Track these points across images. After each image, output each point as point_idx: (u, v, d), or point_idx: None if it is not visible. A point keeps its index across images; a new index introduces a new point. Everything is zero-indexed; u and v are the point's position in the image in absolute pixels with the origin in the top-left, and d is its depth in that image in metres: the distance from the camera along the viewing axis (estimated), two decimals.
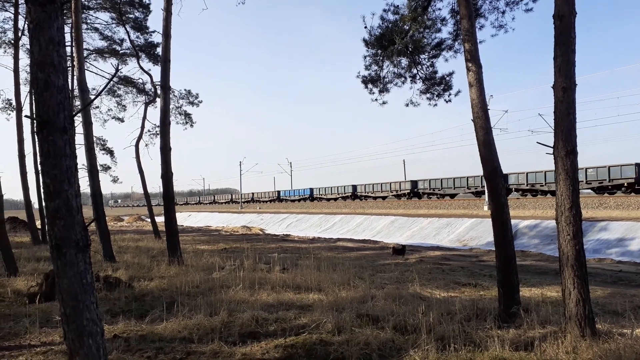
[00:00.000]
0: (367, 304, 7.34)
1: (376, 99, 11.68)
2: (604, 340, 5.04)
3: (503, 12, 10.11)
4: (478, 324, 6.10)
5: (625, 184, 33.46)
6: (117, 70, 4.29)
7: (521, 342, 5.29)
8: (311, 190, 74.17)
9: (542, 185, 38.90)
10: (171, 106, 24.87)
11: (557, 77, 5.59)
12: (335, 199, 65.21)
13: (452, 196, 48.00)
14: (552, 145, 5.66)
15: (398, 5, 10.29)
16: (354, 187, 62.74)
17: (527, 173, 39.91)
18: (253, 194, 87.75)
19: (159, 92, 19.28)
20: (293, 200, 75.17)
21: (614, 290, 9.93)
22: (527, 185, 40.23)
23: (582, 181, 34.32)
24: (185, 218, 75.22)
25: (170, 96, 22.98)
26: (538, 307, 6.73)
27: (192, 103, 27.49)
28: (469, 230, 30.57)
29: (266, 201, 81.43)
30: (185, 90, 27.70)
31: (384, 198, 56.90)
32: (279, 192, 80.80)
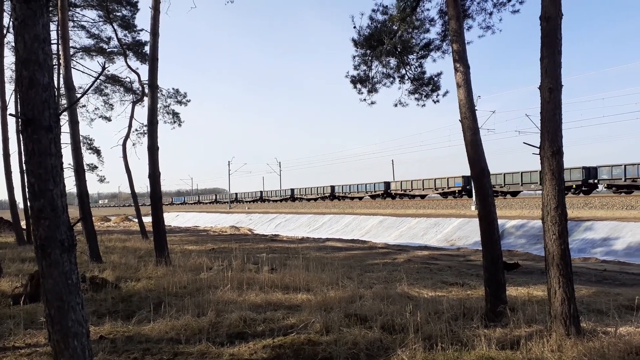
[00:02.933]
0: (355, 303, 7.35)
1: (365, 99, 11.70)
2: (588, 339, 5.10)
3: (490, 13, 10.19)
4: (465, 323, 6.14)
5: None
6: (103, 68, 4.27)
7: (507, 341, 5.34)
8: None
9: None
10: (159, 105, 24.63)
11: (543, 78, 5.65)
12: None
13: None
14: (538, 146, 5.72)
15: (387, 6, 10.31)
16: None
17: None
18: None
19: (146, 90, 19.13)
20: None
21: (598, 289, 10.05)
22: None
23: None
24: (173, 218, 74.76)
25: (158, 95, 22.83)
26: (524, 306, 6.79)
27: (180, 102, 27.28)
28: (457, 230, 30.79)
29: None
30: (173, 89, 27.54)
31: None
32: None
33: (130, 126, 26.03)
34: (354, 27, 10.41)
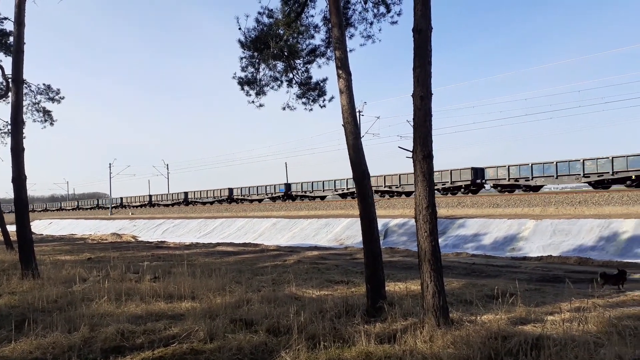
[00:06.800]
0: (242, 308, 7.27)
1: (253, 101, 11.65)
2: (456, 328, 5.54)
3: (371, 23, 10.70)
4: (347, 320, 6.35)
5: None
6: None
7: (385, 335, 5.61)
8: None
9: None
10: (27, 102, 22.43)
11: (415, 87, 6.04)
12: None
13: (322, 198, 50.28)
14: (412, 150, 6.11)
15: (272, 9, 10.37)
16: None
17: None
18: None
19: (11, 85, 17.20)
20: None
21: (467, 281, 11.00)
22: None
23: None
24: (45, 226, 68.29)
25: (26, 91, 20.74)
26: (402, 301, 7.21)
27: (52, 99, 24.78)
28: (345, 230, 31.88)
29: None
30: (44, 84, 24.89)
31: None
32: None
33: None
34: (240, 29, 10.32)
